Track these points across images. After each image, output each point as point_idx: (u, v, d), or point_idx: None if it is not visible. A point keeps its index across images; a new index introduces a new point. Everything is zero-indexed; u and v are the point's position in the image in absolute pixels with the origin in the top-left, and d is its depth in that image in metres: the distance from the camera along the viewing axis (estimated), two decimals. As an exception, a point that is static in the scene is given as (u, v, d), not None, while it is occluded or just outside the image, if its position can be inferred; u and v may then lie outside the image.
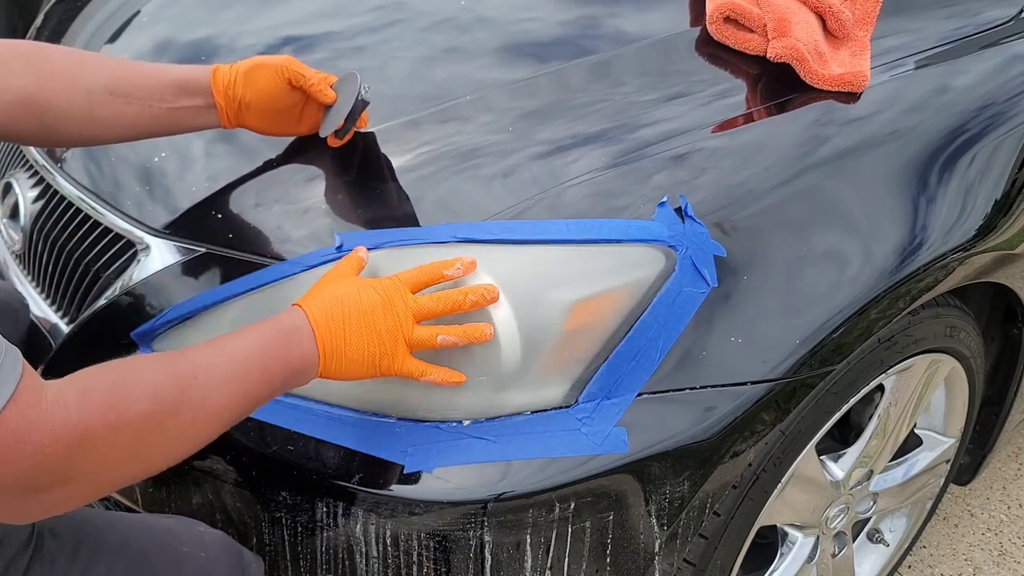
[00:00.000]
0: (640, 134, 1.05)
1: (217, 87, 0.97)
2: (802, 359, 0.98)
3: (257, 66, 0.98)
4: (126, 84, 0.94)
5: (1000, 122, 1.20)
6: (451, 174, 1.01)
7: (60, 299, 1.14)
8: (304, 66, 1.00)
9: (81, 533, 0.79)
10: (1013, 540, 1.78)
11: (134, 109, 0.94)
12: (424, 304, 0.83)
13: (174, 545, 0.84)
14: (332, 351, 0.79)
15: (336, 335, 0.79)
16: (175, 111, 0.96)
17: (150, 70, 0.96)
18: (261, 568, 0.92)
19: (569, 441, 0.90)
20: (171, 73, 0.97)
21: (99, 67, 0.94)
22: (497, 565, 0.92)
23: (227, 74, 0.98)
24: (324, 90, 1.00)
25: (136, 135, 0.98)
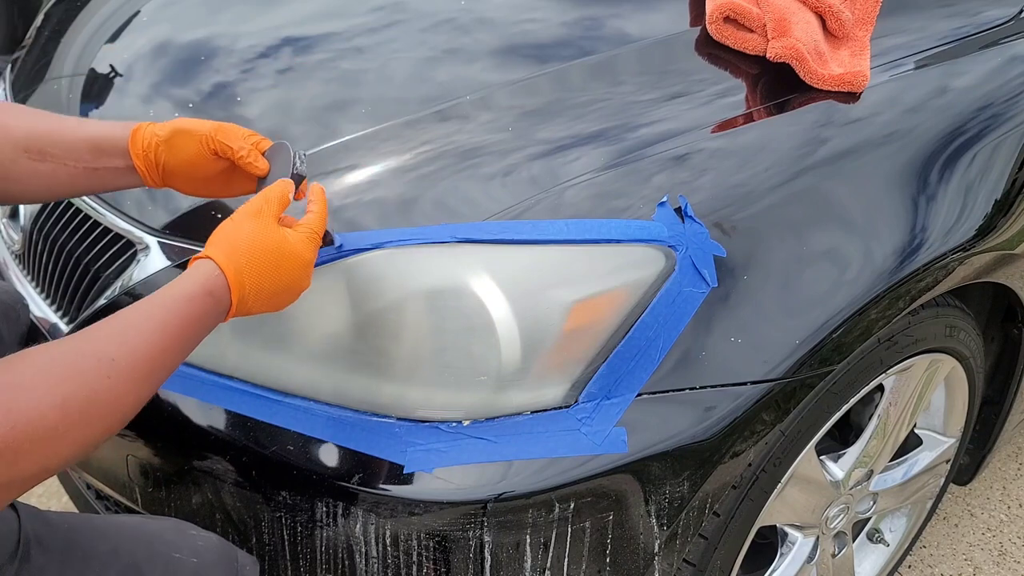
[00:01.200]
0: (640, 134, 1.05)
1: (135, 150, 0.90)
2: (802, 359, 0.98)
3: (179, 132, 0.89)
4: (41, 141, 0.88)
5: (1000, 122, 1.20)
6: (451, 173, 1.01)
7: (60, 299, 1.14)
8: (233, 134, 0.90)
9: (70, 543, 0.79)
10: (1013, 540, 1.78)
11: (49, 168, 0.89)
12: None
13: (165, 552, 0.84)
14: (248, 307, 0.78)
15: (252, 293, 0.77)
16: (94, 171, 0.90)
17: (69, 127, 0.90)
18: (256, 569, 0.91)
19: (569, 441, 0.90)
20: (88, 131, 0.90)
21: (15, 123, 0.89)
22: (497, 565, 0.92)
23: (147, 137, 0.90)
24: (254, 162, 0.90)
25: (56, 194, 0.92)
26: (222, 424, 0.95)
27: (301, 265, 0.80)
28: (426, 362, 0.90)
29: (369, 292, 0.91)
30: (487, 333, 0.89)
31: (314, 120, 1.12)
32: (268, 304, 0.80)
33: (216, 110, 1.16)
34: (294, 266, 0.79)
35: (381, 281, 0.91)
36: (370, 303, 0.91)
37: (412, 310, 0.90)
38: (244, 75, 1.21)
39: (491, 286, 0.90)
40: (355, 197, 1.00)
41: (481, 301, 0.89)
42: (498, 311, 0.89)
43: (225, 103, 1.17)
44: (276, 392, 0.95)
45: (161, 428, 0.98)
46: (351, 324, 0.91)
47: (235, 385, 0.96)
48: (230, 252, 0.76)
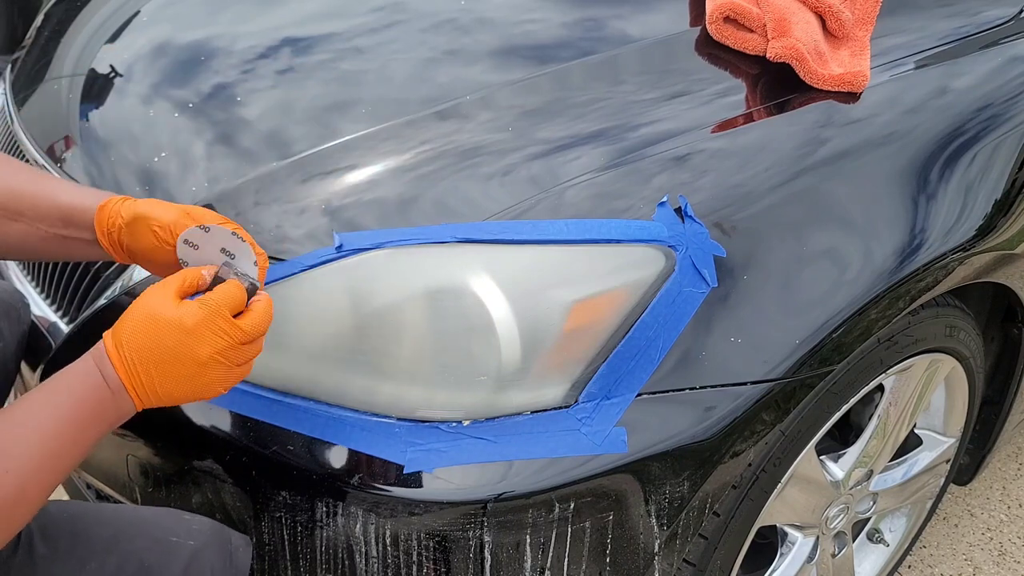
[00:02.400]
0: (640, 133, 1.05)
1: (100, 227, 0.86)
2: (802, 359, 0.98)
3: (139, 219, 0.83)
4: (15, 202, 0.85)
5: (1000, 122, 1.20)
6: (451, 173, 1.01)
7: (60, 298, 1.14)
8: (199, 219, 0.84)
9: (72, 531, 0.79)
10: (1013, 540, 1.78)
11: (22, 228, 0.86)
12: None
13: (163, 536, 0.85)
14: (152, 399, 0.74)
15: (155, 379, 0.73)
16: (64, 239, 0.87)
17: (44, 191, 0.87)
18: (249, 549, 0.92)
19: (569, 441, 0.90)
20: (61, 199, 0.86)
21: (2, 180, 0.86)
22: (497, 565, 0.92)
23: (111, 216, 0.85)
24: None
25: (26, 255, 0.90)
26: (222, 424, 0.95)
27: (184, 334, 0.72)
28: (426, 362, 0.90)
29: (369, 292, 0.91)
30: (487, 333, 0.89)
31: (314, 120, 1.12)
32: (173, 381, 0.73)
33: (216, 110, 1.16)
34: (176, 336, 0.72)
35: (381, 281, 0.91)
36: (370, 303, 0.91)
37: (412, 310, 0.90)
38: (244, 75, 1.21)
39: (491, 286, 0.90)
40: (355, 197, 1.00)
41: (481, 301, 0.89)
42: (498, 311, 0.89)
43: (225, 103, 1.17)
44: (276, 392, 0.95)
45: (161, 428, 0.98)
46: (351, 324, 0.91)
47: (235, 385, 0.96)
48: (118, 327, 0.74)
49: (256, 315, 0.77)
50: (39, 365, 1.10)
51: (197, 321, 0.73)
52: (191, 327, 0.72)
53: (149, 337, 0.72)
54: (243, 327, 0.75)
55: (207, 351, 0.73)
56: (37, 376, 1.10)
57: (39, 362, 1.10)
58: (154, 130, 1.17)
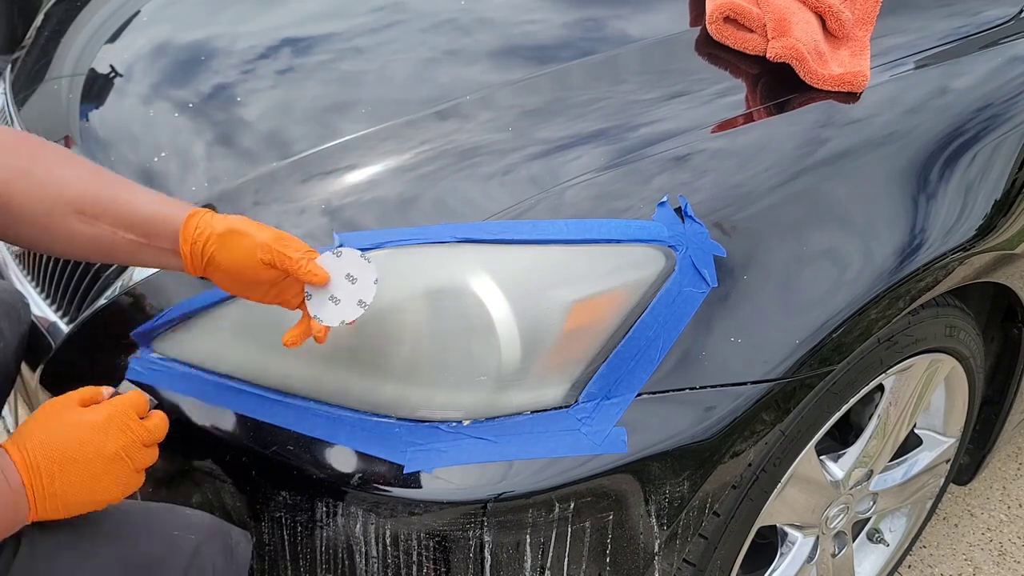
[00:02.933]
0: (640, 133, 1.05)
1: (185, 234, 0.85)
2: (802, 359, 0.98)
3: (235, 232, 0.84)
4: (96, 206, 0.86)
5: (1000, 122, 1.20)
6: (451, 173, 1.01)
7: (60, 298, 1.14)
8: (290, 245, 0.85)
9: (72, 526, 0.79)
10: (1013, 540, 1.78)
11: (96, 232, 0.86)
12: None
13: (165, 530, 0.85)
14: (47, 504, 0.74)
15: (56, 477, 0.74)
16: (139, 245, 0.87)
17: (126, 196, 0.87)
18: (249, 545, 0.92)
19: (569, 441, 0.90)
20: (146, 206, 0.86)
21: (74, 178, 0.86)
22: (497, 565, 0.92)
23: (200, 226, 0.85)
24: (313, 270, 0.85)
25: (91, 257, 0.90)
26: (222, 424, 0.95)
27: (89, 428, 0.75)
28: (426, 362, 0.90)
29: (369, 292, 0.91)
30: (487, 333, 0.89)
31: (314, 120, 1.12)
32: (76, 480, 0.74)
33: (216, 111, 1.16)
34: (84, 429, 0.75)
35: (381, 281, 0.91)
36: (370, 303, 0.91)
37: (412, 310, 0.90)
38: (244, 75, 1.21)
39: (491, 286, 0.90)
40: (355, 197, 1.00)
41: (481, 301, 0.89)
42: (498, 311, 0.89)
43: (225, 103, 1.17)
44: (276, 392, 0.95)
45: (161, 428, 0.98)
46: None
47: (235, 385, 0.96)
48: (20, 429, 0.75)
49: (157, 418, 0.81)
50: (39, 365, 1.10)
51: (106, 416, 0.76)
52: (100, 422, 0.76)
53: (56, 435, 0.74)
54: (147, 426, 0.79)
55: (114, 446, 0.75)
56: (37, 376, 1.10)
57: (39, 362, 1.10)
58: (154, 130, 1.17)
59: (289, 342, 0.87)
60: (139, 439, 0.77)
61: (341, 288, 0.86)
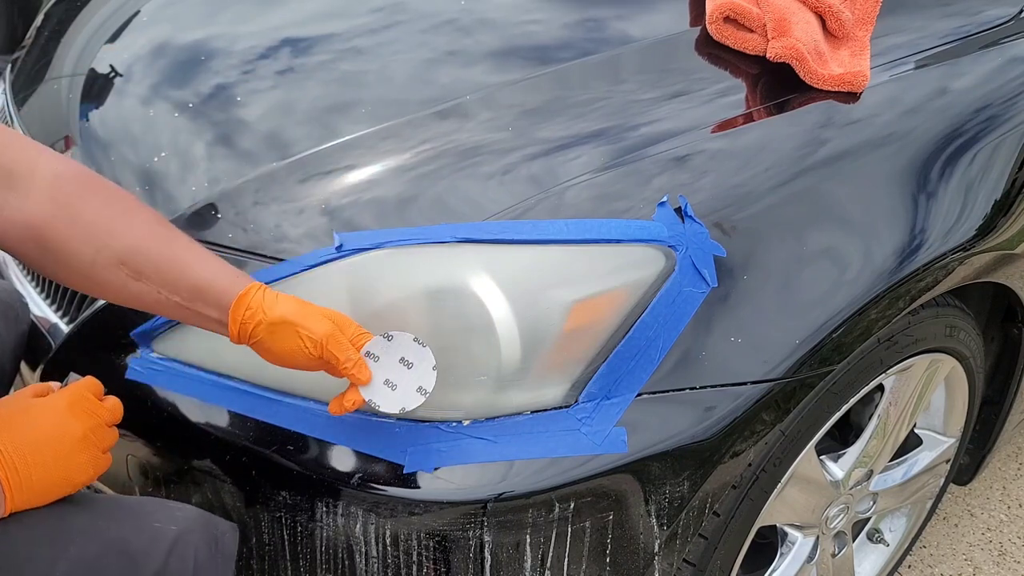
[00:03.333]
0: (640, 133, 1.05)
1: (235, 316, 0.83)
2: (802, 359, 0.98)
3: (288, 324, 0.82)
4: (143, 261, 0.83)
5: (1000, 122, 1.20)
6: (451, 173, 1.01)
7: (60, 299, 1.14)
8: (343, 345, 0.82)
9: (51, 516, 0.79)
10: (1013, 540, 1.78)
11: (140, 288, 0.84)
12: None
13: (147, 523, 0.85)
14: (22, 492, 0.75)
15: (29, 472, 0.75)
16: (183, 308, 0.85)
17: (179, 260, 0.84)
18: (236, 536, 0.92)
19: (569, 441, 0.90)
20: (197, 274, 0.84)
21: (125, 231, 0.84)
22: (497, 565, 0.92)
23: (252, 307, 0.83)
24: (358, 373, 0.83)
25: (134, 306, 0.88)
26: (222, 424, 0.95)
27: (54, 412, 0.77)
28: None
29: (369, 292, 0.91)
30: (487, 333, 0.89)
31: (314, 121, 1.12)
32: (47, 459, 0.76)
33: (216, 111, 1.16)
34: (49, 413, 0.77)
35: (381, 281, 0.91)
36: (370, 303, 0.91)
37: (412, 310, 0.90)
38: (244, 76, 1.21)
39: (491, 286, 0.90)
40: (355, 197, 1.00)
41: (481, 301, 0.89)
42: (498, 311, 0.89)
43: (225, 104, 1.17)
44: (276, 392, 0.95)
45: (161, 428, 0.98)
46: (351, 324, 0.91)
47: (235, 385, 0.96)
48: None
49: (113, 401, 0.82)
50: (39, 365, 1.10)
51: (68, 401, 0.78)
52: (64, 407, 0.77)
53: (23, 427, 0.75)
54: (108, 407, 0.81)
55: (81, 428, 0.77)
56: (37, 376, 1.10)
57: (39, 362, 1.10)
58: (154, 130, 1.17)
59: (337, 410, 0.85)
60: (102, 420, 0.79)
61: (396, 373, 0.84)
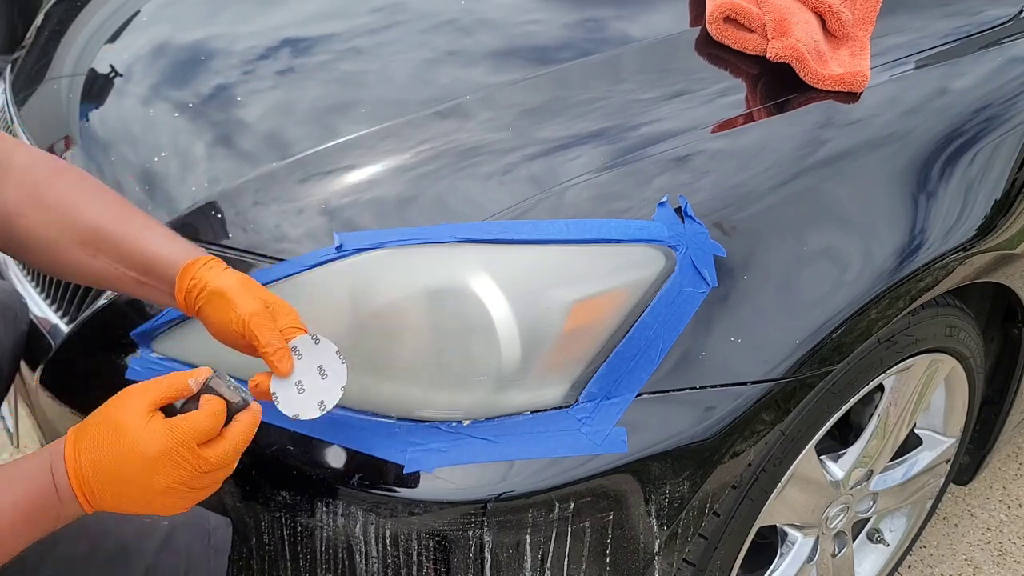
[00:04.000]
0: (640, 133, 1.05)
1: (180, 285, 0.84)
2: (802, 359, 0.98)
3: (222, 296, 0.82)
4: (101, 240, 0.85)
5: (1000, 122, 1.20)
6: (451, 173, 1.01)
7: (60, 299, 1.14)
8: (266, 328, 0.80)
9: None
10: (1013, 540, 1.78)
11: (99, 264, 0.86)
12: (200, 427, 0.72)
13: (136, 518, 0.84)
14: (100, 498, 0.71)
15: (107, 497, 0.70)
16: (139, 283, 0.87)
17: (131, 235, 0.86)
18: (229, 530, 0.92)
19: (569, 441, 0.90)
20: (147, 248, 0.85)
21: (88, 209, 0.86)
22: (497, 565, 0.92)
23: (194, 279, 0.84)
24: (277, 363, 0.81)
25: (102, 287, 0.91)
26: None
27: (144, 460, 0.69)
28: (426, 362, 0.90)
29: (369, 292, 0.91)
30: (487, 333, 0.89)
31: (314, 121, 1.12)
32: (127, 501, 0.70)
33: (216, 111, 1.16)
34: (136, 459, 0.69)
35: (381, 281, 0.91)
36: (370, 303, 0.91)
37: (412, 310, 0.90)
38: (244, 76, 1.21)
39: (491, 286, 0.90)
40: (355, 197, 1.00)
41: (481, 301, 0.89)
42: (498, 311, 0.89)
43: (225, 104, 1.17)
44: (276, 392, 0.95)
45: (161, 428, 0.98)
46: (351, 324, 0.91)
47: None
48: (81, 428, 0.71)
49: (226, 446, 0.73)
50: (39, 365, 1.10)
51: (159, 451, 0.69)
52: (153, 456, 0.69)
53: (108, 455, 0.69)
54: (208, 458, 0.71)
55: (164, 482, 0.70)
56: (37, 376, 1.10)
57: (39, 362, 1.10)
58: (154, 130, 1.17)
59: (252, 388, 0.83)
60: (197, 471, 0.71)
61: (310, 377, 0.81)
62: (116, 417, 0.70)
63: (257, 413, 0.75)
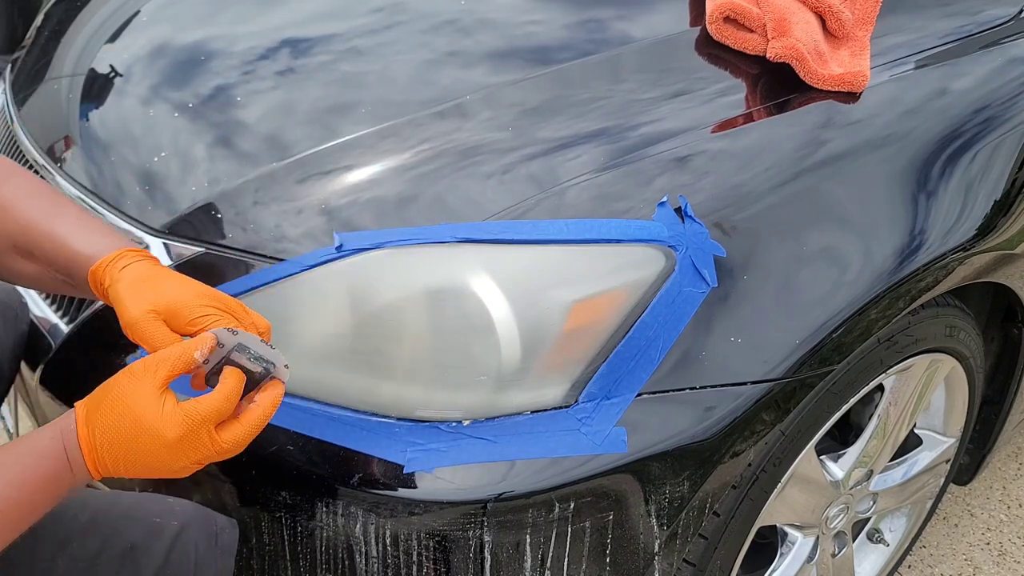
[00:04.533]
0: (640, 132, 1.05)
1: (94, 280, 0.80)
2: (802, 359, 0.98)
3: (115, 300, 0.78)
4: (31, 243, 0.82)
5: (1000, 123, 1.20)
6: (451, 172, 1.01)
7: (60, 298, 1.14)
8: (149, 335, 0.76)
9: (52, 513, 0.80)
10: (1013, 540, 1.78)
11: (33, 268, 0.84)
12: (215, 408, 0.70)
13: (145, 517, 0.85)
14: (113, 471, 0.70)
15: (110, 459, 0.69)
16: (68, 285, 0.85)
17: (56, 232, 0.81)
18: (235, 531, 0.92)
19: (569, 441, 0.90)
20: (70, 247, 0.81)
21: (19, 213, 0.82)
22: (497, 565, 0.92)
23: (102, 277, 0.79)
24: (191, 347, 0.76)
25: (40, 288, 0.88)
26: (222, 424, 0.95)
27: (162, 445, 0.68)
28: (426, 362, 0.90)
29: (369, 292, 0.91)
30: (487, 333, 0.89)
31: (314, 122, 1.12)
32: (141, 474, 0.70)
33: (216, 111, 1.16)
34: (153, 445, 0.68)
35: (381, 281, 0.91)
36: (370, 303, 0.91)
37: (412, 310, 0.90)
38: (244, 76, 1.21)
39: (491, 286, 0.90)
40: (355, 196, 1.00)
41: (481, 301, 0.89)
42: (498, 311, 0.89)
43: (225, 104, 1.17)
44: (276, 392, 0.95)
45: (161, 428, 0.98)
46: (351, 324, 0.91)
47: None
48: (93, 408, 0.69)
49: (244, 429, 0.71)
50: (39, 365, 1.10)
51: (178, 436, 0.68)
52: (171, 442, 0.68)
53: (126, 437, 0.68)
54: (224, 443, 0.70)
55: (181, 463, 0.69)
56: (37, 376, 1.10)
57: (39, 362, 1.10)
58: (154, 130, 1.17)
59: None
60: (212, 453, 0.70)
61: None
62: (129, 402, 0.68)
63: (277, 396, 0.74)
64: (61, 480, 0.69)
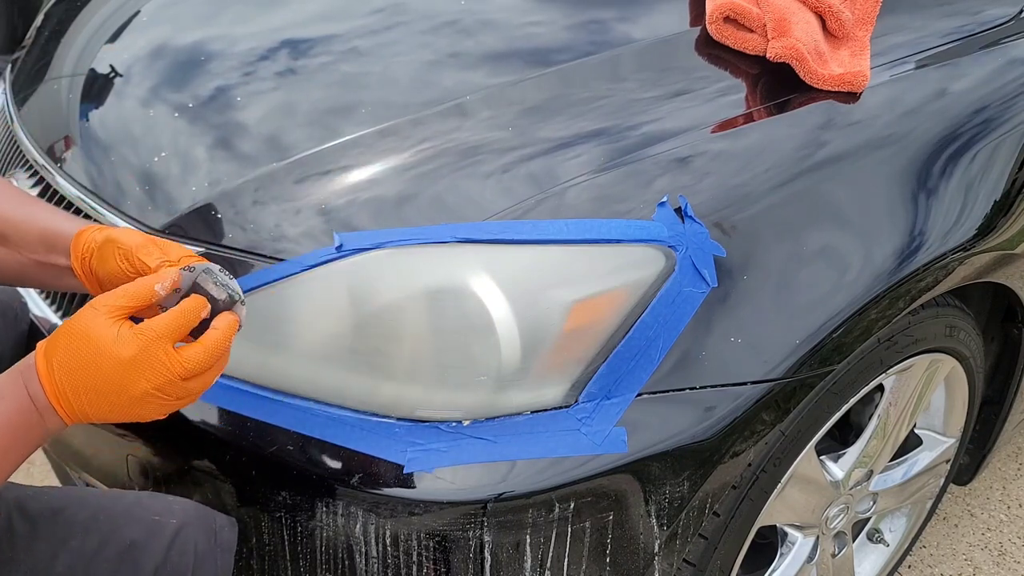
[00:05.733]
0: (641, 132, 1.05)
1: (75, 253, 0.81)
2: (802, 359, 0.98)
3: (109, 242, 0.79)
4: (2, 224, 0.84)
5: (1000, 123, 1.20)
6: (451, 172, 1.01)
7: (60, 298, 1.14)
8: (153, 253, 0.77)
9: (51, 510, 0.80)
10: (1013, 540, 1.78)
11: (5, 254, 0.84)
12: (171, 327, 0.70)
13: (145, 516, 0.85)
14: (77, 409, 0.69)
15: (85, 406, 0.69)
16: (42, 266, 0.84)
17: (30, 214, 0.84)
18: (235, 530, 0.92)
19: (569, 441, 0.90)
20: (41, 222, 0.84)
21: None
22: (497, 565, 0.92)
23: (87, 242, 0.81)
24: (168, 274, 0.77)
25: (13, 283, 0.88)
26: (222, 424, 0.95)
27: (118, 365, 0.67)
28: (426, 362, 0.90)
29: (369, 292, 0.91)
30: (487, 333, 0.89)
31: (314, 122, 1.12)
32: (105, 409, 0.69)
33: (216, 112, 1.16)
34: (110, 366, 0.67)
35: (381, 281, 0.91)
36: (370, 303, 0.91)
37: (412, 310, 0.90)
38: (244, 77, 1.21)
39: (491, 286, 0.90)
40: (355, 196, 1.00)
41: (481, 301, 0.89)
42: (498, 311, 0.89)
43: (225, 104, 1.17)
44: (276, 392, 0.95)
45: (161, 428, 0.98)
46: (351, 324, 0.91)
47: (235, 385, 0.96)
48: (52, 343, 0.69)
49: (202, 348, 0.70)
50: (39, 365, 1.10)
51: (133, 353, 0.67)
52: (126, 360, 0.67)
53: (82, 362, 0.67)
54: (184, 362, 0.69)
55: (142, 386, 0.68)
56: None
57: (39, 362, 1.10)
58: (154, 130, 1.17)
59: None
60: (174, 376, 0.68)
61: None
62: (85, 328, 0.68)
63: (234, 321, 0.73)
64: (29, 422, 0.68)
